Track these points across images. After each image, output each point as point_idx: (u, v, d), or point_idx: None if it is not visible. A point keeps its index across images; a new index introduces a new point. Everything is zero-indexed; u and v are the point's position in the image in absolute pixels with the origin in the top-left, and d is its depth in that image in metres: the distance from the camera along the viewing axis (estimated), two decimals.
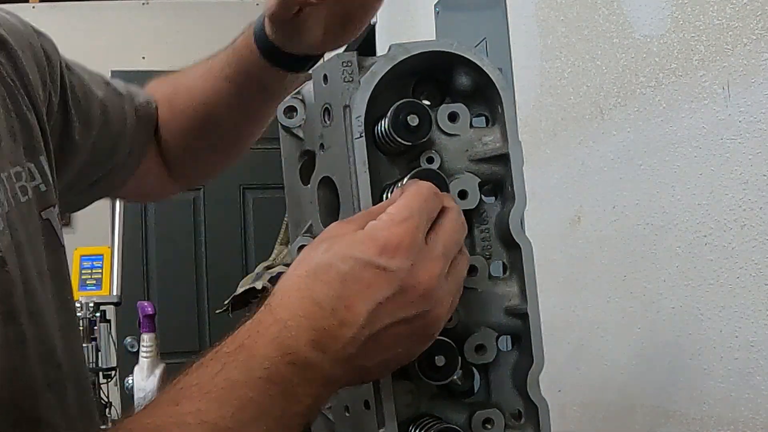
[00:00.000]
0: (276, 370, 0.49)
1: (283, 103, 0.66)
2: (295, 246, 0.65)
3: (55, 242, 0.73)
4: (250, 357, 0.50)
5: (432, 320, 0.52)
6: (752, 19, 0.87)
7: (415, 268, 0.51)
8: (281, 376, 0.50)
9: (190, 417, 0.48)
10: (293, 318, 0.50)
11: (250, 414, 0.49)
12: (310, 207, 0.64)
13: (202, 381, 0.49)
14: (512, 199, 0.60)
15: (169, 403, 0.49)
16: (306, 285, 0.51)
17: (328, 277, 0.50)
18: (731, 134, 0.91)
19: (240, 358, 0.50)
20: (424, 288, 0.51)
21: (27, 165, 0.70)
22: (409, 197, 0.53)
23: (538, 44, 1.42)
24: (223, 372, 0.49)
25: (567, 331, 1.30)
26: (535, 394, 0.59)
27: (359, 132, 0.57)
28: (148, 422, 0.49)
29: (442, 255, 0.52)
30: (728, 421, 0.92)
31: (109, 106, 0.86)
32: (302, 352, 0.50)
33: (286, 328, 0.50)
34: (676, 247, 1.02)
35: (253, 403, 0.49)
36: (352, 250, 0.51)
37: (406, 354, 0.54)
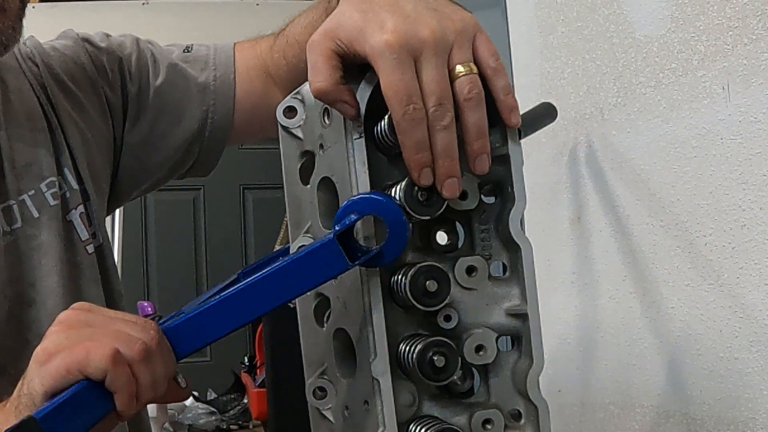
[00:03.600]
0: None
1: (283, 103, 0.66)
2: (294, 246, 0.65)
3: (74, 239, 0.89)
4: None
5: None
6: (752, 19, 0.87)
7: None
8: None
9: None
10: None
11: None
12: (310, 207, 0.64)
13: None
14: (512, 200, 0.59)
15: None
16: None
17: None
18: (731, 134, 0.91)
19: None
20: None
21: (58, 177, 0.88)
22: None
23: (538, 44, 1.42)
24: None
25: (567, 331, 1.30)
26: (534, 394, 0.59)
27: (359, 132, 0.57)
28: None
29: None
30: (728, 421, 0.92)
31: (167, 92, 0.96)
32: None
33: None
34: (676, 247, 1.02)
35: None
36: None
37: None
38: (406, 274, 0.56)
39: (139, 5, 3.83)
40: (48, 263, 0.85)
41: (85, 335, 0.57)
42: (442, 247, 0.61)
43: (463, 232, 0.62)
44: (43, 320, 0.83)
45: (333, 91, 0.55)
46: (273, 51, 1.01)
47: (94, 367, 0.55)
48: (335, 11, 0.57)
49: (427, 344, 0.56)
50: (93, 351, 0.55)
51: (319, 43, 0.56)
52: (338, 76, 0.55)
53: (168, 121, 0.97)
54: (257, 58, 1.02)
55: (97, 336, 0.57)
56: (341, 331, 0.62)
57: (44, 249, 0.85)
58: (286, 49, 0.97)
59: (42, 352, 0.56)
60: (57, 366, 0.55)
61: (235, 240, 3.57)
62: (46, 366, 0.55)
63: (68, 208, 0.89)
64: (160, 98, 0.96)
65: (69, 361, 0.55)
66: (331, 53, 0.55)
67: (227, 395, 1.93)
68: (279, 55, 0.99)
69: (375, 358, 0.57)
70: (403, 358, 0.58)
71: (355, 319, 0.59)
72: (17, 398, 0.57)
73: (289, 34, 1.00)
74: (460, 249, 0.61)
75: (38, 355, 0.56)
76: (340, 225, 0.56)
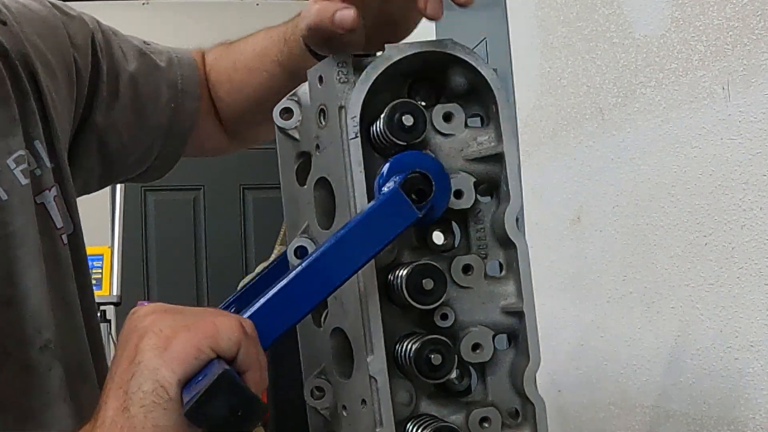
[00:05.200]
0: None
1: (279, 104, 0.66)
2: (292, 247, 0.65)
3: (49, 226, 0.74)
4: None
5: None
6: (752, 19, 0.87)
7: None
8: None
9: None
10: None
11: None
12: (307, 208, 0.64)
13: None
14: (508, 199, 0.59)
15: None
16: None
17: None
18: (731, 134, 0.91)
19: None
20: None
21: (26, 151, 0.72)
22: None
23: (538, 44, 1.42)
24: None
25: (567, 331, 1.30)
26: (531, 392, 0.59)
27: (354, 132, 0.57)
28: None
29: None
30: (728, 421, 0.92)
31: (141, 82, 0.88)
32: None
33: None
34: (676, 247, 1.02)
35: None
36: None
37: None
38: (402, 273, 0.56)
39: (139, 5, 3.83)
40: (26, 256, 0.71)
41: (191, 317, 0.50)
42: (439, 246, 0.61)
43: (459, 231, 0.62)
44: (25, 322, 0.70)
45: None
46: (216, 70, 0.95)
47: (227, 341, 0.48)
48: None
49: (424, 342, 0.56)
50: (222, 324, 0.49)
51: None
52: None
53: (140, 112, 0.88)
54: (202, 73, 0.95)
55: (204, 315, 0.50)
56: (338, 330, 0.62)
57: (19, 238, 0.71)
58: (233, 74, 0.92)
59: (157, 338, 0.48)
60: (184, 347, 0.47)
61: (235, 240, 3.57)
62: (169, 351, 0.47)
63: (40, 189, 0.74)
64: (136, 87, 0.87)
65: (198, 338, 0.48)
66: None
67: None
68: (224, 77, 0.94)
69: (372, 357, 0.57)
70: (400, 357, 0.58)
71: (352, 318, 0.59)
72: (128, 401, 0.48)
73: (238, 58, 0.94)
74: (456, 248, 0.61)
75: (152, 343, 0.48)
76: (399, 177, 0.55)
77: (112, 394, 0.49)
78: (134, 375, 0.48)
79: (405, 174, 0.56)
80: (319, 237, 0.63)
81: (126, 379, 0.48)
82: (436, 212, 0.57)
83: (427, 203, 0.56)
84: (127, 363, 0.49)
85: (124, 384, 0.48)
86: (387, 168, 0.57)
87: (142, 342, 0.48)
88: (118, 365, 0.50)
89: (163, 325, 0.49)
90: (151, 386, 0.47)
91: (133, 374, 0.48)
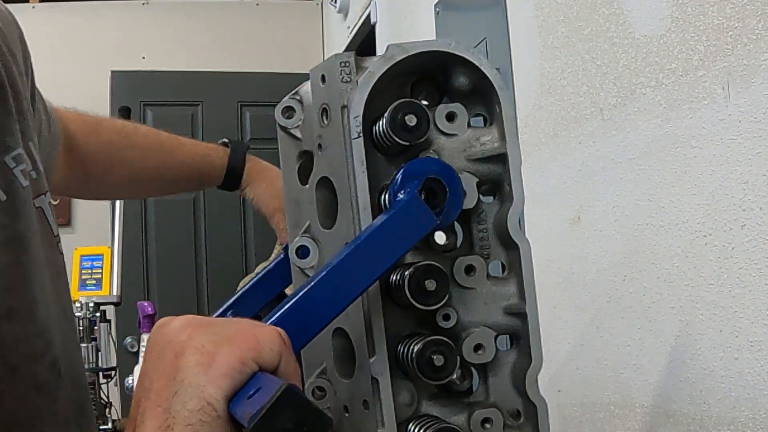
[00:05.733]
0: None
1: (281, 103, 0.65)
2: (294, 246, 0.65)
3: (48, 232, 0.71)
4: None
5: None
6: (752, 19, 0.87)
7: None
8: None
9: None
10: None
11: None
12: (309, 207, 0.64)
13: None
14: (510, 199, 0.59)
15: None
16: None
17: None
18: (731, 134, 0.91)
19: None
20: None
21: (25, 151, 0.68)
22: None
23: (538, 44, 1.42)
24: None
25: (567, 331, 1.30)
26: (534, 393, 0.59)
27: (357, 132, 0.57)
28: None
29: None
30: (728, 421, 0.92)
31: (50, 113, 0.85)
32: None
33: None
34: (676, 247, 1.02)
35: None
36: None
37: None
38: (405, 274, 0.56)
39: (139, 5, 3.83)
40: (30, 262, 0.65)
41: (230, 329, 0.48)
42: (441, 246, 0.61)
43: (461, 231, 0.62)
44: (32, 336, 0.65)
45: None
46: (91, 151, 0.95)
47: (269, 352, 0.47)
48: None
49: (426, 343, 0.55)
50: (262, 336, 0.48)
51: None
52: None
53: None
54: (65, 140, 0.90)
55: (242, 327, 0.49)
56: (340, 330, 0.62)
57: (22, 244, 0.65)
58: (118, 168, 0.97)
59: (199, 354, 0.46)
60: (228, 361, 0.46)
61: (235, 240, 3.57)
62: (214, 367, 0.46)
63: (38, 192, 0.70)
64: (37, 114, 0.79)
65: (242, 351, 0.46)
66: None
67: None
68: (101, 163, 0.95)
69: (374, 358, 0.57)
70: (402, 358, 0.57)
71: (354, 318, 0.59)
72: (170, 420, 0.45)
73: (131, 158, 0.98)
74: (458, 248, 0.61)
75: (195, 360, 0.46)
76: (417, 182, 0.56)
77: (151, 414, 0.46)
78: (177, 393, 0.46)
79: (421, 180, 0.56)
80: (321, 236, 0.63)
81: (166, 397, 0.46)
82: (450, 217, 0.57)
83: (443, 210, 0.56)
84: (166, 380, 0.46)
85: (164, 402, 0.46)
86: (401, 174, 0.57)
87: (183, 359, 0.46)
88: (154, 381, 0.47)
89: (204, 340, 0.47)
90: (197, 404, 0.45)
91: (175, 392, 0.46)
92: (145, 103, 3.53)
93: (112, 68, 3.51)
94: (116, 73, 3.50)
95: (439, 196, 0.56)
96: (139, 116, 3.42)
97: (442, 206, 0.56)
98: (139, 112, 3.46)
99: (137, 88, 3.50)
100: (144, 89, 3.52)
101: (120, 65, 3.53)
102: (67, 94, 4.22)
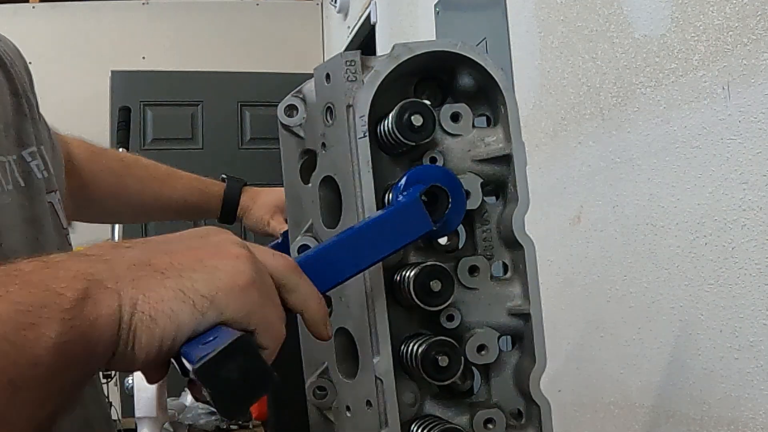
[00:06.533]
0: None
1: (284, 102, 0.65)
2: (295, 246, 0.64)
3: (59, 224, 0.74)
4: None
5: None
6: (752, 19, 0.87)
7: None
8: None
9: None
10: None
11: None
12: (311, 206, 0.64)
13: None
14: (515, 200, 0.59)
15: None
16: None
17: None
18: (731, 134, 0.91)
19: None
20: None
21: (39, 149, 0.74)
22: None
23: (538, 44, 1.42)
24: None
25: (567, 331, 1.30)
26: (537, 394, 0.59)
27: (363, 131, 0.57)
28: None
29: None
30: (728, 421, 0.92)
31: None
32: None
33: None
34: (676, 247, 1.02)
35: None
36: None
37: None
38: (410, 274, 0.56)
39: (139, 5, 3.83)
40: (47, 244, 0.69)
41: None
42: (444, 246, 0.61)
43: (464, 232, 0.62)
44: None
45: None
46: (97, 180, 0.98)
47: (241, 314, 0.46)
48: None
49: (431, 344, 0.55)
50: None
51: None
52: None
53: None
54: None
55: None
56: (343, 330, 0.62)
57: (39, 225, 0.70)
58: (122, 197, 1.02)
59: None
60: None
61: None
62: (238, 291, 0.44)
63: (49, 189, 0.74)
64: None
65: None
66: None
67: None
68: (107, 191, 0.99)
69: (378, 358, 0.56)
70: (406, 358, 0.57)
71: (357, 318, 0.59)
72: (169, 272, 0.44)
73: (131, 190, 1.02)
74: (461, 249, 0.61)
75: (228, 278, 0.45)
76: (416, 189, 0.56)
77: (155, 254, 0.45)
78: (195, 270, 0.44)
79: (426, 186, 0.56)
80: (324, 236, 0.63)
81: (181, 267, 0.44)
82: (449, 226, 0.57)
83: (442, 218, 0.56)
84: (194, 259, 0.45)
85: (174, 269, 0.44)
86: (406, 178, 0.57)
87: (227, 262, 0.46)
88: (178, 244, 0.47)
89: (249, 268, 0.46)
90: (206, 288, 0.44)
91: (194, 269, 0.44)
92: (145, 103, 3.52)
93: (112, 68, 3.51)
94: (116, 73, 3.50)
95: (440, 204, 0.56)
96: (139, 116, 3.42)
97: (443, 214, 0.56)
98: (139, 112, 3.46)
99: (137, 88, 3.50)
100: (144, 89, 3.52)
101: (120, 65, 3.53)
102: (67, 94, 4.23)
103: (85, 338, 0.40)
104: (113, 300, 0.41)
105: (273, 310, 0.47)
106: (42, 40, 3.53)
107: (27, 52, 0.86)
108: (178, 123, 3.55)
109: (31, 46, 0.80)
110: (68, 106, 3.56)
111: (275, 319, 0.47)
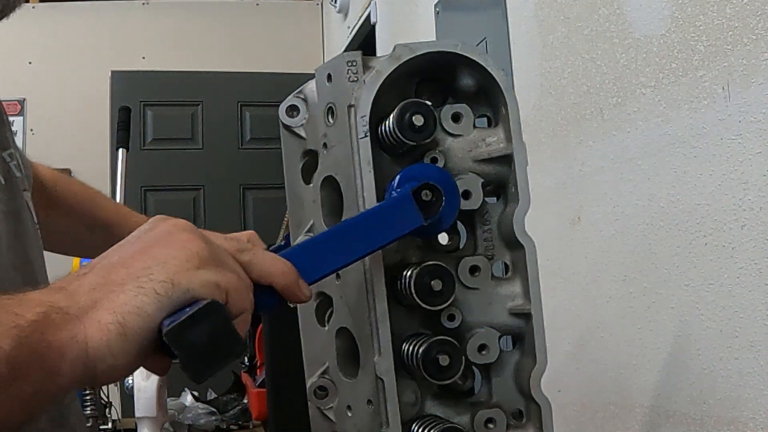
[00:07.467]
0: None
1: (285, 102, 0.65)
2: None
3: (33, 220, 0.78)
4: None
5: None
6: (752, 19, 0.87)
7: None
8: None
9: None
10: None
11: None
12: (313, 206, 0.64)
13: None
14: (515, 200, 0.59)
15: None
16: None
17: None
18: (731, 134, 0.91)
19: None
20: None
21: (15, 151, 0.78)
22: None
23: (538, 44, 1.42)
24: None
25: (567, 331, 1.30)
26: (538, 394, 0.59)
27: (364, 132, 0.57)
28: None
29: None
30: (728, 421, 0.92)
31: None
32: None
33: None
34: (676, 247, 1.02)
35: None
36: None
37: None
38: (411, 274, 0.56)
39: (139, 5, 3.83)
40: (26, 235, 0.74)
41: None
42: (444, 246, 0.61)
43: (465, 232, 0.62)
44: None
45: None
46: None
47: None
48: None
49: (432, 344, 0.56)
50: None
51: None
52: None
53: None
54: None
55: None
56: (344, 330, 0.62)
57: (21, 219, 0.74)
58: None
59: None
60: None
61: None
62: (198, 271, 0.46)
63: (24, 188, 0.78)
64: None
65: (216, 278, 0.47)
66: None
67: (227, 395, 1.92)
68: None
69: (379, 357, 0.57)
70: (407, 357, 0.58)
71: (358, 318, 0.59)
72: (129, 276, 0.46)
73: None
74: (462, 249, 0.61)
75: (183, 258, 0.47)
76: (409, 185, 0.56)
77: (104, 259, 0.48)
78: (149, 265, 0.46)
79: (419, 183, 0.56)
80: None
81: (136, 270, 0.46)
82: (442, 225, 0.58)
83: (435, 215, 0.56)
84: (147, 256, 0.47)
85: (130, 276, 0.46)
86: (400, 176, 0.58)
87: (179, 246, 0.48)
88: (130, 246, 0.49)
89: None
90: (163, 276, 0.46)
91: (147, 265, 0.46)
92: (145, 103, 3.52)
93: (112, 68, 3.51)
94: (116, 73, 3.50)
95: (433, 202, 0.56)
96: (139, 116, 3.42)
97: (436, 212, 0.56)
98: (139, 112, 3.46)
99: (137, 88, 3.50)
100: (144, 89, 3.52)
101: (120, 65, 3.53)
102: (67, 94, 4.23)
103: (40, 357, 0.42)
104: (74, 326, 0.44)
105: (237, 280, 0.48)
106: (42, 40, 3.53)
107: (27, 52, 0.87)
108: (178, 123, 3.55)
109: (31, 46, 0.80)
110: (68, 106, 3.57)
111: (241, 287, 0.48)
